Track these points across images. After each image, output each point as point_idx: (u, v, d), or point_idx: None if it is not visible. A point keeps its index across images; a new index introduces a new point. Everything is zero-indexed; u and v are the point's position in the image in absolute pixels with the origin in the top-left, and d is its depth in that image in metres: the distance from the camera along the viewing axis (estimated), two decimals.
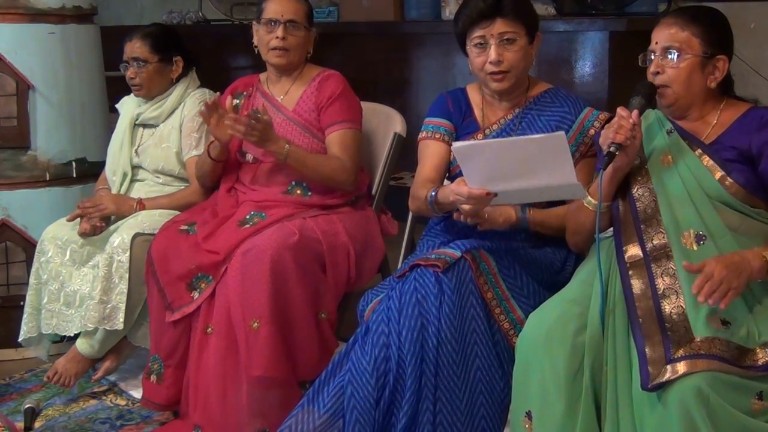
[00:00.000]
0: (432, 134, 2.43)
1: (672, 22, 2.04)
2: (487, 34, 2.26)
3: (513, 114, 2.37)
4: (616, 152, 1.97)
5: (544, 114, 2.36)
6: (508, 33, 2.26)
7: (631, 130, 1.97)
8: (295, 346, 2.49)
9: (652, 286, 1.92)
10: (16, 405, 2.84)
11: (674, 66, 2.02)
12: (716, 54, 2.03)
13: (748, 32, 2.06)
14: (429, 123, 2.45)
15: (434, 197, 2.25)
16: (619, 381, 1.86)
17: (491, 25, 2.25)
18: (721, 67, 2.04)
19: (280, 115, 2.73)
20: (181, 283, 2.56)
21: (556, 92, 2.40)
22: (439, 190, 2.25)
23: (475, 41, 2.28)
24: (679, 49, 2.01)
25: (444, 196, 2.21)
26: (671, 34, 2.03)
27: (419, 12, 4.61)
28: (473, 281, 2.15)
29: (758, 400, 1.77)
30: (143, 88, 3.00)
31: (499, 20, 2.25)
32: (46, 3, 3.17)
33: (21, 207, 3.20)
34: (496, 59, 2.25)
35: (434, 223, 2.47)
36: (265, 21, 2.69)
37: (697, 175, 2.00)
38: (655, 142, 2.09)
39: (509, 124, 2.36)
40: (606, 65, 3.95)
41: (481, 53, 2.28)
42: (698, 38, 2.01)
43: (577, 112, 2.35)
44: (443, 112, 2.44)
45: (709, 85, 2.04)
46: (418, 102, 4.64)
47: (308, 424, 2.18)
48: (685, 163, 2.02)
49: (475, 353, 2.13)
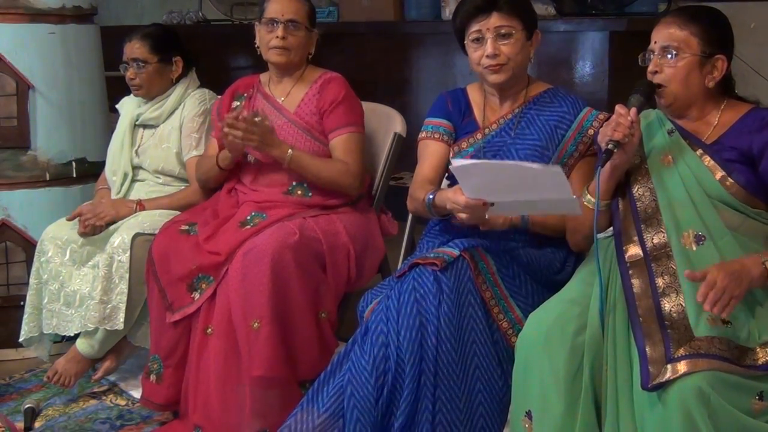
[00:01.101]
0: (431, 134, 2.44)
1: (671, 21, 2.04)
2: (483, 28, 2.28)
3: (512, 113, 2.38)
4: (614, 150, 1.97)
5: (543, 113, 2.36)
6: (504, 27, 2.28)
7: (629, 128, 1.97)
8: (296, 346, 2.49)
9: (652, 285, 1.92)
10: (16, 405, 2.84)
11: (672, 65, 2.02)
12: (715, 53, 2.02)
13: (748, 32, 2.07)
14: (429, 123, 2.46)
15: (432, 200, 2.26)
16: (620, 380, 1.86)
17: (487, 19, 2.28)
18: (719, 66, 2.03)
19: (281, 117, 2.73)
20: (181, 283, 2.55)
21: (555, 92, 2.41)
22: (437, 194, 2.25)
23: (473, 36, 2.31)
24: (677, 48, 2.01)
25: (441, 202, 2.22)
26: (670, 33, 2.03)
27: (419, 12, 4.62)
28: (472, 280, 2.15)
29: (759, 400, 1.77)
30: (143, 88, 3.00)
31: (495, 14, 2.27)
32: (46, 3, 3.17)
33: (21, 207, 3.20)
34: (492, 52, 2.27)
35: (434, 223, 2.47)
36: (266, 20, 2.69)
37: (697, 175, 2.00)
38: (655, 141, 2.09)
39: (509, 123, 2.37)
40: (606, 65, 3.95)
41: (478, 48, 2.31)
42: (697, 37, 2.01)
43: (576, 111, 2.35)
44: (443, 113, 2.45)
45: (707, 84, 2.04)
46: (418, 102, 4.64)
47: (308, 424, 2.18)
48: (685, 162, 2.02)
49: (473, 352, 2.13)
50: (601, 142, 2.01)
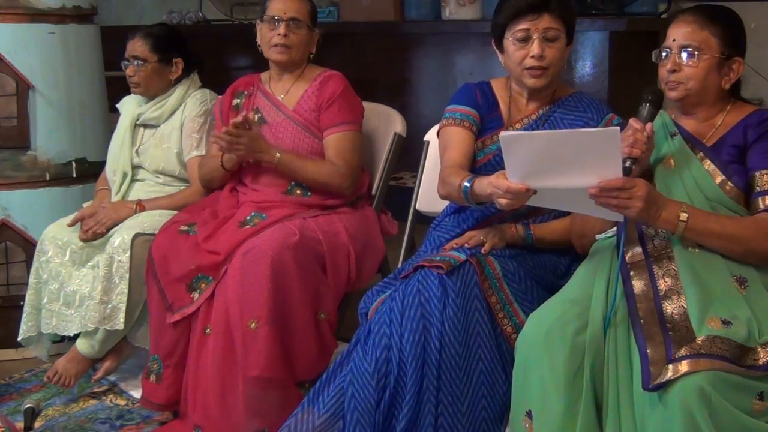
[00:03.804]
0: (460, 121, 2.36)
1: (691, 20, 2.02)
2: (533, 27, 2.23)
3: (538, 114, 2.36)
4: (633, 166, 1.94)
5: (568, 117, 2.35)
6: (553, 30, 2.23)
7: (646, 143, 1.95)
8: (294, 347, 2.49)
9: (653, 287, 1.92)
10: (16, 405, 2.84)
11: (692, 65, 2.00)
12: (733, 55, 2.02)
13: (748, 32, 2.06)
14: (456, 110, 2.38)
15: (470, 187, 2.15)
16: (620, 381, 1.86)
17: (538, 19, 2.23)
18: (736, 68, 2.03)
19: (280, 114, 2.73)
20: (181, 284, 2.55)
21: (580, 97, 2.39)
22: (475, 180, 2.12)
23: (519, 35, 2.25)
24: (698, 48, 1.99)
25: (481, 188, 2.10)
26: (689, 32, 2.01)
27: (419, 12, 4.61)
28: (478, 285, 2.14)
29: (759, 400, 1.77)
30: (140, 86, 3.01)
31: (546, 15, 2.23)
32: (46, 3, 3.17)
33: (21, 207, 3.20)
34: (539, 53, 2.23)
35: (444, 216, 2.45)
36: (268, 18, 2.70)
37: (697, 178, 2.00)
38: (658, 145, 2.08)
39: (533, 123, 2.35)
40: (606, 65, 3.96)
41: (523, 47, 2.25)
42: (717, 38, 2.00)
43: (600, 117, 2.34)
44: (471, 102, 2.39)
45: (723, 86, 2.03)
46: (418, 102, 4.63)
47: (308, 425, 2.17)
48: (686, 166, 2.02)
49: (478, 357, 2.12)
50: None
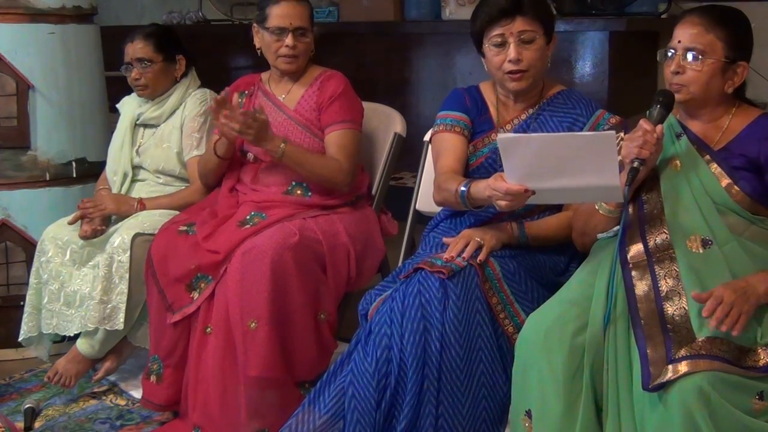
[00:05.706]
0: (451, 127, 2.38)
1: (697, 21, 2.00)
2: (507, 32, 2.24)
3: (527, 114, 2.37)
4: (641, 167, 1.94)
5: (557, 115, 2.35)
6: (528, 32, 2.24)
7: (656, 145, 1.94)
8: (293, 347, 2.48)
9: (655, 288, 1.91)
10: (16, 405, 2.84)
11: (696, 68, 1.99)
12: (738, 60, 2.00)
13: None
14: (447, 116, 2.40)
15: (467, 191, 2.17)
16: (620, 381, 1.86)
17: (511, 23, 2.23)
18: (740, 73, 2.01)
19: (281, 114, 2.73)
20: (180, 283, 2.55)
21: (569, 94, 2.39)
22: (472, 184, 2.16)
23: (494, 40, 2.26)
24: (703, 51, 1.98)
25: (478, 191, 2.12)
26: (695, 34, 1.99)
27: (419, 12, 4.61)
28: (479, 287, 2.14)
29: (759, 400, 1.77)
30: (149, 88, 2.99)
31: (519, 18, 2.23)
32: (46, 3, 3.16)
33: (21, 207, 3.19)
34: (516, 57, 2.23)
35: (440, 218, 2.45)
36: (273, 29, 2.67)
37: (704, 181, 1.99)
38: (664, 146, 2.08)
39: (523, 124, 2.35)
40: (606, 65, 3.95)
41: (500, 52, 2.26)
42: (722, 42, 1.98)
43: (590, 114, 2.34)
44: (461, 107, 2.40)
45: (726, 90, 2.02)
46: (418, 102, 4.63)
47: (309, 425, 2.17)
48: (693, 168, 2.01)
49: (479, 358, 2.12)
50: (625, 158, 1.96)
